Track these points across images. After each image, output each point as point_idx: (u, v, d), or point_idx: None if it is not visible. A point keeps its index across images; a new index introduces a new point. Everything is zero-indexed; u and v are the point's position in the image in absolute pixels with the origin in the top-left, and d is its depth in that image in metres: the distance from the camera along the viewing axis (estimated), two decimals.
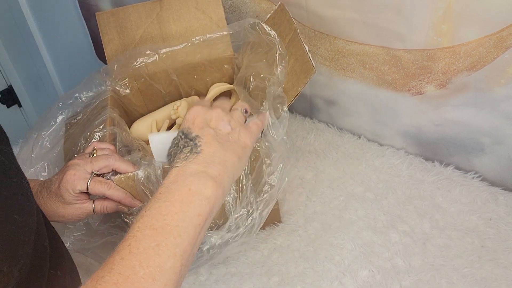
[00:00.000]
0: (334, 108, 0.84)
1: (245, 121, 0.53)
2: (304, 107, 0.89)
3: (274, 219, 0.69)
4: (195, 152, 0.45)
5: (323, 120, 0.88)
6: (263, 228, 0.69)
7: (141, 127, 0.73)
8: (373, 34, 0.67)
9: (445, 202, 0.69)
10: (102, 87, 0.71)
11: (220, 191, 0.43)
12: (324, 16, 0.71)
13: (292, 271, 0.63)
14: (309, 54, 0.59)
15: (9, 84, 1.55)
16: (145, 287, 0.35)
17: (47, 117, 0.70)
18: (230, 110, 0.53)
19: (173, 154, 0.46)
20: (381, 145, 0.81)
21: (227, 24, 0.74)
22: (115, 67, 0.70)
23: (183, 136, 0.47)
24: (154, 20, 0.72)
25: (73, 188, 0.55)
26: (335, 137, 0.84)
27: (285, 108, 0.58)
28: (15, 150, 0.93)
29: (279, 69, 0.63)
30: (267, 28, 0.66)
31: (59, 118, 0.70)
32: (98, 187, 0.55)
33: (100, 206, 0.58)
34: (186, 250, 0.38)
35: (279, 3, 0.69)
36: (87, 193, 0.57)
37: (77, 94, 0.71)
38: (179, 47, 0.71)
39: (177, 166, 0.44)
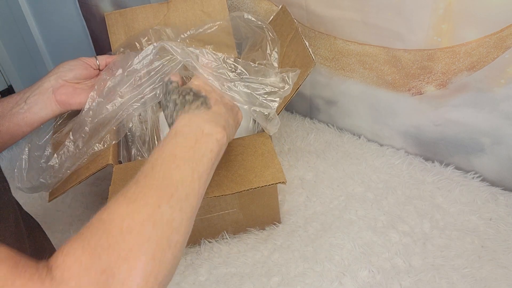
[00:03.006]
0: (334, 108, 0.84)
1: None
2: (304, 107, 0.89)
3: (274, 219, 0.69)
4: (207, 107, 0.49)
5: (323, 120, 0.88)
6: (262, 228, 0.69)
7: None
8: (373, 34, 0.67)
9: (445, 202, 0.69)
10: None
11: (225, 139, 0.47)
12: (324, 16, 0.71)
13: (292, 271, 0.63)
14: (310, 50, 0.62)
15: (9, 84, 1.55)
16: (169, 193, 0.38)
17: None
18: None
19: (178, 103, 0.50)
20: (381, 145, 0.81)
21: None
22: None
23: (191, 92, 0.50)
24: (161, 21, 0.73)
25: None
26: (335, 137, 0.84)
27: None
28: (16, 151, 0.93)
29: (272, 54, 0.66)
30: (253, 17, 0.67)
31: None
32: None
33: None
34: (202, 176, 0.42)
35: (281, 5, 0.72)
36: None
37: None
38: (185, 35, 0.73)
39: (190, 113, 0.48)
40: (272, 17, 0.73)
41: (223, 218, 0.65)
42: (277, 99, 0.59)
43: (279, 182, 0.56)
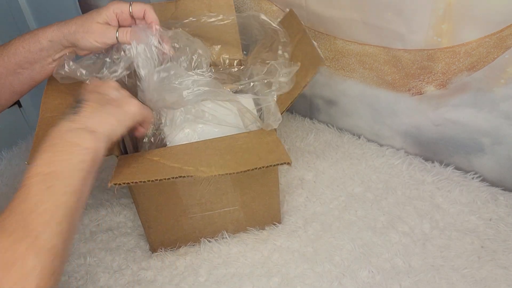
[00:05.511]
0: (334, 108, 0.84)
1: None
2: (304, 107, 0.89)
3: (274, 219, 0.69)
4: (74, 113, 0.50)
5: (323, 121, 0.88)
6: (262, 228, 0.69)
7: None
8: (373, 34, 0.67)
9: (445, 203, 0.69)
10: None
11: (98, 143, 0.48)
12: (324, 16, 0.71)
13: (292, 272, 0.63)
14: (318, 49, 0.63)
15: None
16: (44, 221, 0.41)
17: None
18: None
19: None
20: (381, 145, 0.81)
21: None
22: None
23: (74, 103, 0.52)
24: (169, 20, 0.74)
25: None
26: (335, 138, 0.84)
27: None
28: (16, 151, 0.92)
29: (283, 55, 0.66)
30: (270, 20, 0.68)
31: None
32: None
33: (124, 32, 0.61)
34: (77, 189, 0.44)
35: (288, 9, 0.73)
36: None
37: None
38: (190, 20, 0.73)
39: (55, 126, 0.49)
40: (279, 19, 0.74)
41: (224, 216, 0.65)
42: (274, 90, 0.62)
43: (284, 163, 0.55)
